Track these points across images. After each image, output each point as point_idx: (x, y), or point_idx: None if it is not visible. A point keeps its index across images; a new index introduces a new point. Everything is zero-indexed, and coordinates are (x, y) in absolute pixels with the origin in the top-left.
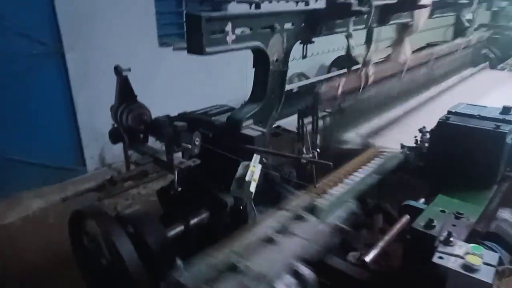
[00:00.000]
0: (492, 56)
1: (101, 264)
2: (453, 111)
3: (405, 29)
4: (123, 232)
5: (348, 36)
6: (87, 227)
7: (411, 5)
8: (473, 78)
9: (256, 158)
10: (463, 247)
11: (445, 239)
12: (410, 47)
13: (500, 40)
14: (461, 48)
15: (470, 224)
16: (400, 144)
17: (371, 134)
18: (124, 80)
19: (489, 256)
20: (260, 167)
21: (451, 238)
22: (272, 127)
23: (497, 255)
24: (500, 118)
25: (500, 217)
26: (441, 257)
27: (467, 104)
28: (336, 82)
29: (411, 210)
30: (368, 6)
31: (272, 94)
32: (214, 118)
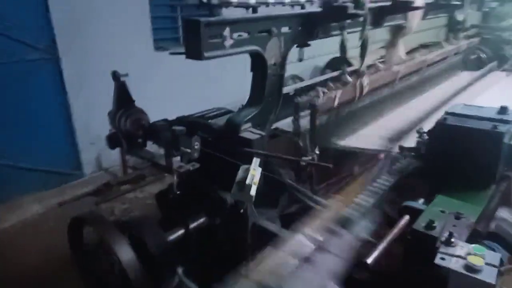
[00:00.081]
0: (484, 57)
1: (102, 270)
2: (450, 111)
3: (399, 31)
4: (123, 239)
5: (343, 39)
6: (86, 233)
7: (405, 7)
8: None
9: (256, 161)
10: (465, 247)
11: (446, 239)
12: (404, 48)
13: (491, 40)
14: (451, 54)
15: (470, 224)
16: (399, 146)
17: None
18: (122, 85)
19: (490, 256)
20: (260, 170)
21: (452, 239)
22: (271, 130)
23: (498, 255)
24: (497, 118)
25: (499, 216)
26: (443, 258)
27: (464, 104)
28: (332, 93)
29: (410, 210)
30: (363, 9)
31: (270, 97)
32: (212, 121)
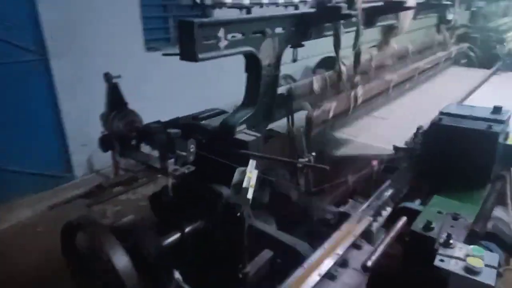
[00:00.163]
0: (473, 55)
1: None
2: (444, 112)
3: (391, 31)
4: (118, 244)
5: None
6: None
7: (397, 7)
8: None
9: (252, 163)
10: (463, 249)
11: (445, 241)
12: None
13: (480, 39)
14: (442, 61)
15: (467, 225)
16: (393, 146)
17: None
18: (114, 87)
19: (489, 257)
20: (257, 173)
21: (451, 240)
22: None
23: (497, 256)
24: (491, 118)
25: (495, 216)
26: (442, 260)
27: (457, 104)
28: (327, 106)
29: (407, 211)
30: (356, 9)
31: (264, 98)
32: (206, 121)
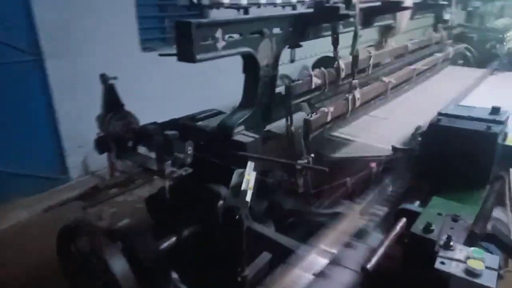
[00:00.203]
0: (470, 55)
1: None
2: (443, 112)
3: (388, 31)
4: (115, 249)
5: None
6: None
7: (395, 7)
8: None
9: (250, 165)
10: (464, 251)
11: (445, 243)
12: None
13: (476, 39)
14: (439, 62)
15: (467, 226)
16: (392, 146)
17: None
18: (110, 88)
19: (490, 259)
20: (255, 174)
21: (451, 242)
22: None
23: (497, 258)
24: (490, 118)
25: (494, 217)
26: (442, 263)
27: (456, 105)
28: (325, 109)
29: (407, 213)
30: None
31: (262, 99)
32: (203, 122)
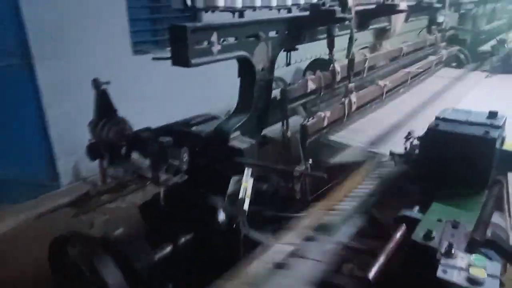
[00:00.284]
0: (462, 57)
1: None
2: (441, 117)
3: (383, 33)
4: (110, 261)
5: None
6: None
7: (390, 10)
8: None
9: (247, 172)
10: (465, 258)
11: (446, 251)
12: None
13: (469, 41)
14: (433, 64)
15: (467, 233)
16: (389, 151)
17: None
18: (103, 93)
19: (491, 267)
20: (252, 181)
21: (452, 250)
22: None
23: (499, 265)
24: (488, 123)
25: (493, 222)
26: (444, 271)
27: (453, 109)
28: (322, 114)
29: (406, 219)
30: (349, 12)
31: (258, 103)
32: (197, 128)
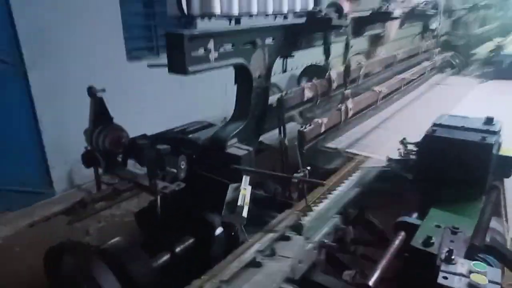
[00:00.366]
0: (456, 62)
1: None
2: (438, 123)
3: (377, 40)
4: (107, 270)
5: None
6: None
7: (385, 17)
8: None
9: (246, 179)
10: (465, 264)
11: (446, 257)
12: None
13: (462, 46)
14: (428, 70)
15: (466, 238)
16: (386, 157)
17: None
18: (99, 101)
19: (492, 273)
20: (250, 189)
21: (452, 256)
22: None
23: (499, 271)
24: (484, 129)
25: (491, 227)
26: (445, 277)
27: (449, 115)
28: (319, 120)
29: (405, 225)
30: (345, 20)
31: (255, 110)
32: (195, 136)
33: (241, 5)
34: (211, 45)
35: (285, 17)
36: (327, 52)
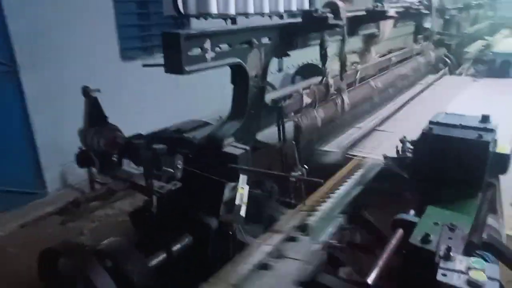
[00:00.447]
0: (449, 62)
1: None
2: (435, 121)
3: (371, 39)
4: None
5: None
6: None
7: (380, 16)
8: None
9: (243, 178)
10: (464, 261)
11: (445, 254)
12: (375, 55)
13: (454, 45)
14: (422, 65)
15: (464, 236)
16: (383, 155)
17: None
18: (93, 101)
19: (491, 269)
20: (248, 188)
21: (451, 253)
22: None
23: (497, 267)
24: (481, 127)
25: (487, 224)
26: (444, 274)
27: (446, 113)
28: (315, 112)
29: (403, 223)
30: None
31: (252, 110)
32: (190, 134)
33: (237, 5)
34: (207, 44)
35: (281, 17)
36: (324, 58)
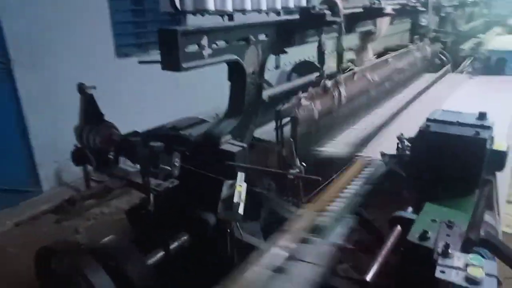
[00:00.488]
0: (445, 60)
1: None
2: (432, 118)
3: (368, 36)
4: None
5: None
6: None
7: (377, 13)
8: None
9: (241, 176)
10: (461, 258)
11: (443, 251)
12: (372, 52)
13: (449, 43)
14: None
15: (462, 233)
16: (380, 152)
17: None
18: (89, 98)
19: (489, 266)
20: (246, 186)
21: (449, 250)
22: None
23: (495, 264)
24: (478, 124)
25: (484, 221)
26: (442, 271)
27: (443, 110)
28: (311, 104)
29: (401, 220)
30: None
31: (249, 107)
32: (187, 131)
33: (234, 1)
34: (204, 41)
35: (278, 13)
36: (321, 61)
